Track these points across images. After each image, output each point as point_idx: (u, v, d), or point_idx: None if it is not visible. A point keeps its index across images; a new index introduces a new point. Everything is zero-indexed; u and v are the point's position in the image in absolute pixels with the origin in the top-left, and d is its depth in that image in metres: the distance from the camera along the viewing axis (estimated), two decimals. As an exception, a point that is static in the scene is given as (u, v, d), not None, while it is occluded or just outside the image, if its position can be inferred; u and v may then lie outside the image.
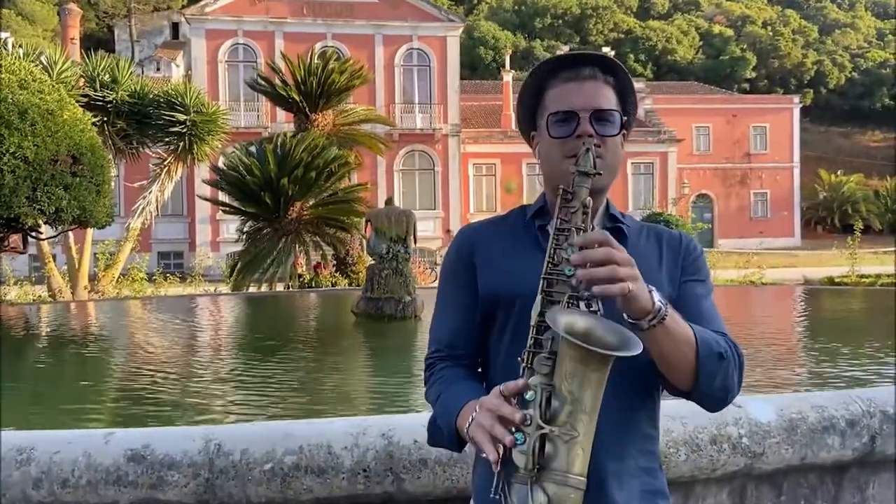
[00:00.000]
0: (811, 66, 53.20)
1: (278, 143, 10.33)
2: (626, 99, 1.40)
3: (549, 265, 1.18)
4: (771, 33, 54.84)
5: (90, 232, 13.32)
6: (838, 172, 42.31)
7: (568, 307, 1.14)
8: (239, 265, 10.66)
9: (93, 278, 14.63)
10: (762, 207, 39.02)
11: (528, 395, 1.11)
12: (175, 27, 44.34)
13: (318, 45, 23.37)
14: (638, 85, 38.39)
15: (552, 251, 1.19)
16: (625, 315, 1.15)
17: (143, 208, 14.12)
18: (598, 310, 1.14)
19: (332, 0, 28.89)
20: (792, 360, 4.58)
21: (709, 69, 52.20)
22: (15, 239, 8.32)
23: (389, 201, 7.54)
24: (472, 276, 1.39)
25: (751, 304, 8.99)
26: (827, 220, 40.75)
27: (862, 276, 14.51)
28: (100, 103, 12.72)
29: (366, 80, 12.78)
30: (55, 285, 13.62)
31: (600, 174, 1.23)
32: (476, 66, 47.36)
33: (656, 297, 1.15)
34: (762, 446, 2.03)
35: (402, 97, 29.50)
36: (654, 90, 38.92)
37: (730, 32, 55.27)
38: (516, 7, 55.51)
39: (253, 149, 10.49)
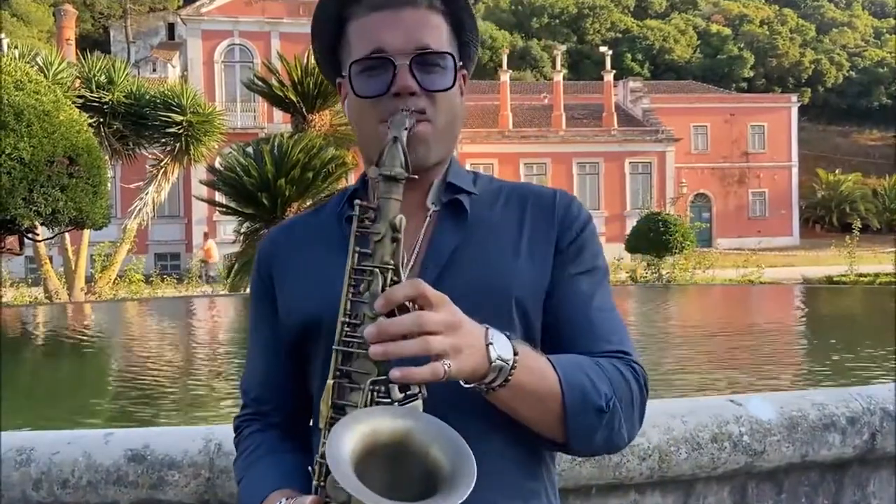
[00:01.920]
0: (809, 65, 53.30)
1: (275, 144, 10.32)
2: (463, 29, 0.99)
3: (345, 327, 0.82)
4: (768, 32, 54.94)
5: (87, 233, 13.31)
6: (836, 171, 42.41)
7: (372, 398, 0.78)
8: (236, 266, 10.65)
9: (89, 280, 14.61)
10: (760, 206, 39.11)
11: None
12: (171, 28, 44.31)
13: (315, 46, 23.34)
14: (635, 84, 38.49)
15: (347, 304, 0.82)
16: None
17: (140, 210, 14.12)
18: (421, 392, 0.79)
19: (329, 0, 28.91)
20: (791, 358, 4.58)
21: (706, 68, 52.29)
22: (11, 241, 8.31)
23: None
24: (273, 298, 1.01)
25: (750, 302, 9.00)
26: (825, 219, 40.83)
27: (860, 275, 14.55)
28: (96, 104, 12.74)
29: (363, 80, 12.76)
30: (52, 287, 13.60)
31: (415, 177, 0.84)
32: (473, 66, 47.35)
33: (497, 349, 0.81)
34: (763, 444, 2.03)
35: (399, 97, 29.52)
36: (652, 90, 39.04)
37: (727, 31, 55.35)
38: (513, 7, 55.56)
39: (250, 149, 10.48)
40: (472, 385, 0.82)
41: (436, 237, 0.97)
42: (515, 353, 0.83)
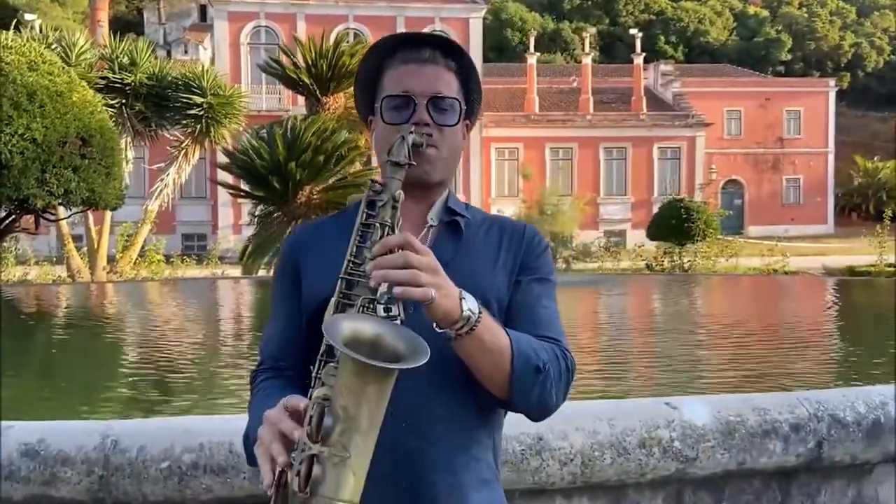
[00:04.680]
0: (848, 49, 51.67)
1: (288, 127, 10.28)
2: (470, 86, 1.32)
3: (350, 264, 1.08)
4: (807, 15, 53.35)
5: (109, 213, 13.50)
6: (874, 158, 41.11)
7: (362, 311, 1.03)
8: (249, 248, 10.68)
9: (111, 259, 14.87)
10: (794, 194, 38.20)
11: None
12: (203, 9, 44.55)
13: (339, 28, 23.36)
14: (666, 67, 37.70)
15: (354, 248, 1.09)
16: (433, 323, 1.06)
17: (161, 191, 14.28)
18: (399, 315, 1.03)
19: (355, -19, 28.76)
20: (797, 352, 4.45)
21: (742, 51, 50.98)
22: (28, 220, 8.46)
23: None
24: (297, 279, 1.29)
25: (756, 294, 8.79)
26: (861, 207, 39.65)
27: (889, 265, 14.10)
28: (118, 85, 12.86)
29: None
30: (74, 266, 13.85)
31: (413, 165, 1.12)
32: (504, 49, 46.85)
33: (467, 303, 1.07)
34: (695, 450, 1.95)
35: (424, 80, 29.34)
36: (684, 73, 38.16)
37: (765, 13, 53.87)
38: (545, -12, 54.70)
39: (263, 132, 10.47)
40: (443, 330, 1.07)
41: (436, 248, 1.19)
42: (480, 312, 1.08)
